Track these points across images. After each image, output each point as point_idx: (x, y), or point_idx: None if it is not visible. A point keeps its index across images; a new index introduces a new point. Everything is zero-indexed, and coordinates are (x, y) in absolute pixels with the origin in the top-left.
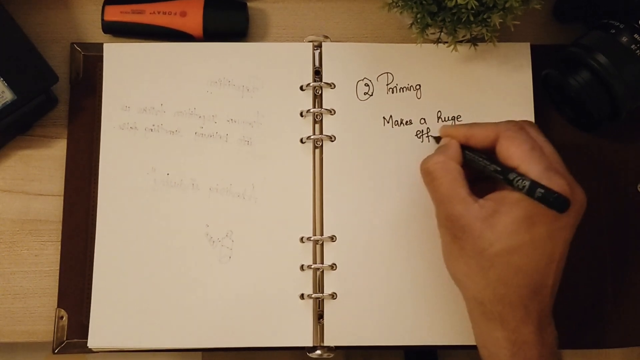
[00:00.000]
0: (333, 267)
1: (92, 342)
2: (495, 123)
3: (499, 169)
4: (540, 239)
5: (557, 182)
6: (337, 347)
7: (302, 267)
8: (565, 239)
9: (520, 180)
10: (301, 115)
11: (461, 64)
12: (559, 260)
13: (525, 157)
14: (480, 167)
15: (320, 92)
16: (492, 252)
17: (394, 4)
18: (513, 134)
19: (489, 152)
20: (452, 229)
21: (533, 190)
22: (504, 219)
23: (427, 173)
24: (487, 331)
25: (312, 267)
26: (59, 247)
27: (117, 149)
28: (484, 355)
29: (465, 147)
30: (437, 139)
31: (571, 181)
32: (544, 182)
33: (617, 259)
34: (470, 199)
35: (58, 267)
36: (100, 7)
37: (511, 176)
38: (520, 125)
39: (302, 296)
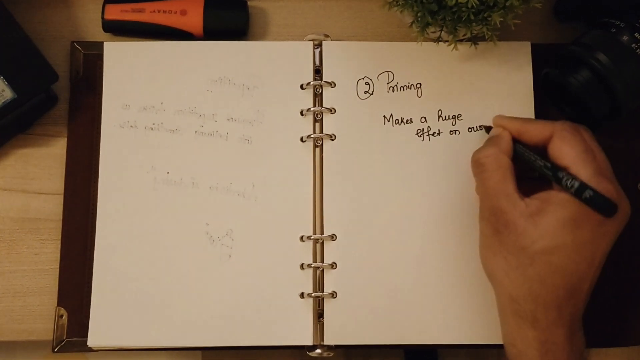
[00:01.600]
0: (333, 266)
1: (92, 340)
2: (552, 122)
3: (549, 165)
4: (583, 242)
5: (605, 187)
6: (337, 346)
7: (302, 266)
8: (607, 245)
9: (570, 180)
10: (301, 114)
11: (462, 63)
12: (597, 266)
13: (577, 158)
14: (530, 163)
15: (320, 91)
16: (534, 250)
17: (395, 2)
18: (568, 134)
19: (540, 150)
20: (495, 223)
21: (582, 191)
22: (549, 218)
23: (478, 164)
24: (517, 329)
25: (312, 266)
26: (59, 246)
27: (117, 148)
28: (512, 354)
29: (516, 141)
30: (488, 129)
31: (619, 189)
32: (592, 185)
33: (617, 258)
34: (517, 196)
35: (58, 266)
36: (101, 6)
37: (561, 174)
38: (576, 127)
39: (302, 295)
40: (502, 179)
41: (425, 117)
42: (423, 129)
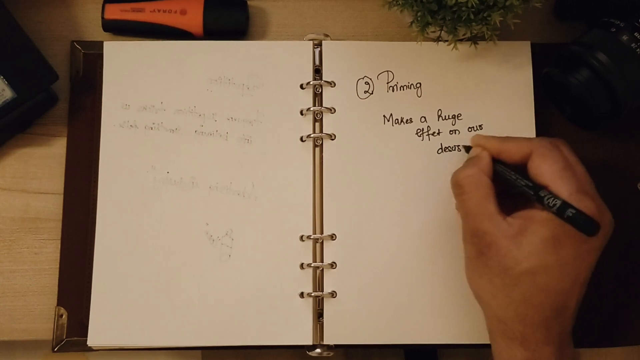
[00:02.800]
0: (333, 265)
1: (92, 340)
2: (530, 139)
3: (530, 184)
4: (567, 260)
5: (586, 205)
6: (336, 346)
7: (302, 266)
8: (591, 261)
9: (551, 199)
10: (301, 113)
11: (462, 63)
12: (582, 283)
13: (556, 176)
14: (511, 183)
15: (320, 91)
16: (518, 271)
17: (394, 2)
18: (547, 151)
19: (520, 168)
20: (478, 245)
21: (563, 210)
22: (532, 238)
23: (458, 186)
24: (506, 350)
25: (312, 265)
26: (59, 246)
27: (117, 147)
28: None
29: (496, 160)
30: (467, 149)
31: (600, 204)
32: (573, 203)
33: (617, 257)
34: (499, 216)
35: (58, 266)
36: (100, 6)
37: (542, 194)
38: (555, 143)
39: (301, 295)
40: (482, 200)
41: (425, 117)
42: (423, 128)
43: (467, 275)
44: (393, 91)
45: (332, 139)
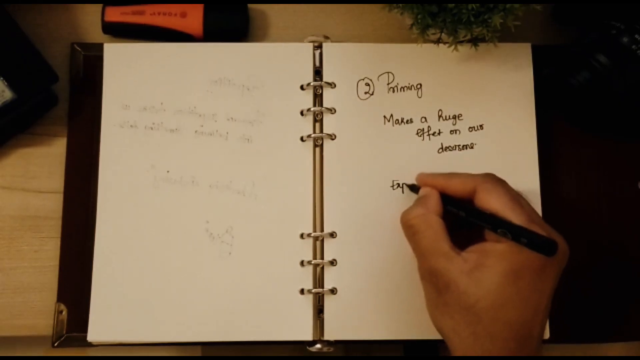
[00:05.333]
0: (333, 262)
1: (92, 336)
2: (473, 175)
3: (483, 216)
4: (527, 291)
5: (539, 233)
6: (336, 342)
7: (302, 263)
8: (551, 288)
9: (505, 232)
10: (301, 114)
11: (462, 64)
12: (544, 310)
13: (505, 208)
14: (463, 220)
15: (320, 92)
16: (480, 308)
17: (395, 4)
18: (491, 186)
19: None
20: (436, 284)
21: (519, 235)
22: (490, 274)
23: (408, 227)
24: None
25: (312, 262)
26: (59, 243)
27: (117, 147)
28: None
29: (444, 199)
30: (412, 188)
31: (552, 232)
32: None
33: (617, 256)
34: (453, 253)
35: (57, 263)
36: (101, 8)
37: (499, 231)
38: (498, 178)
39: (302, 291)
40: (434, 239)
41: (425, 117)
42: (423, 128)
43: (429, 311)
44: (393, 92)
45: (333, 139)
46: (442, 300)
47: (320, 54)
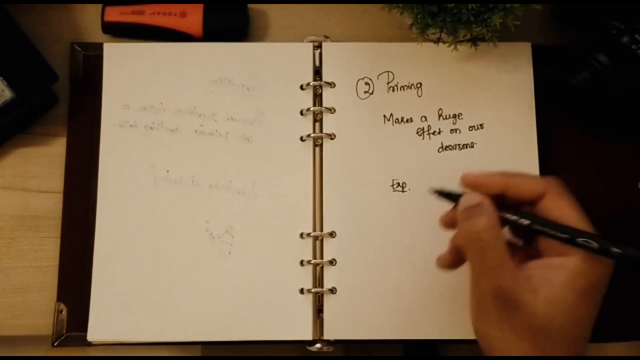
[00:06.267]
0: (333, 262)
1: (92, 335)
2: (541, 177)
3: (561, 228)
4: (596, 309)
5: None
6: (336, 341)
7: (302, 263)
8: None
9: (589, 243)
10: (301, 113)
11: (463, 63)
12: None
13: (580, 220)
14: (524, 228)
15: (320, 91)
16: (552, 328)
17: (394, 4)
18: (563, 191)
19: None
20: (503, 303)
21: (608, 246)
22: (563, 292)
23: (477, 240)
24: None
25: (312, 262)
26: (59, 243)
27: (117, 147)
28: None
29: (499, 206)
30: (445, 194)
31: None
32: None
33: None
34: (518, 271)
35: (57, 262)
36: (100, 8)
37: (579, 240)
38: (560, 182)
39: (301, 291)
40: (502, 255)
41: (425, 116)
42: (423, 128)
43: (484, 329)
44: (393, 91)
45: (332, 139)
46: (511, 321)
47: (320, 54)
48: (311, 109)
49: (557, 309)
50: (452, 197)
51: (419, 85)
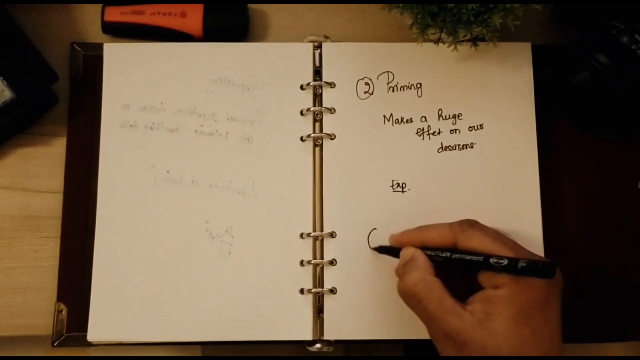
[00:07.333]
0: (333, 262)
1: (92, 335)
2: (448, 224)
3: (474, 259)
4: (540, 327)
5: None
6: (336, 341)
7: (302, 263)
8: (559, 315)
9: (499, 260)
10: (301, 113)
11: (463, 63)
12: (559, 337)
13: (493, 247)
14: (457, 269)
15: (320, 92)
16: (502, 357)
17: (394, 4)
18: (471, 232)
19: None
20: (453, 344)
21: (515, 264)
22: (501, 322)
23: (411, 296)
24: None
25: (312, 262)
26: (59, 243)
27: (117, 147)
28: None
29: (429, 256)
30: (384, 250)
31: (540, 258)
32: None
33: (617, 255)
34: (460, 309)
35: (57, 263)
36: (100, 8)
37: (492, 260)
38: (472, 221)
39: (301, 291)
40: (440, 300)
41: (425, 117)
42: (423, 128)
43: None
44: (393, 91)
45: (332, 139)
46: (466, 356)
47: (320, 54)
48: (311, 109)
49: (500, 339)
50: (392, 251)
51: (418, 85)
